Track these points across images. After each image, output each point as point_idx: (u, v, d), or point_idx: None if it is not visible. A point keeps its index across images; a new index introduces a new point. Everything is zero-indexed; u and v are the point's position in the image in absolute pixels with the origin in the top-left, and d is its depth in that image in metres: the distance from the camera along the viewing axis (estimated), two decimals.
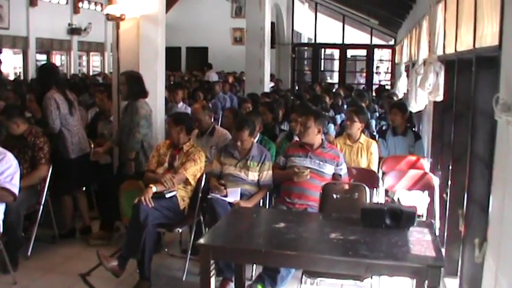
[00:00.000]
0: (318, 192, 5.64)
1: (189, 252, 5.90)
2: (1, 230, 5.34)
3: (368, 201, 5.40)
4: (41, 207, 6.28)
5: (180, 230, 5.91)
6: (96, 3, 28.96)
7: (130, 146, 6.73)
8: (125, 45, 7.37)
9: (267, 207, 6.16)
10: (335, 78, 24.61)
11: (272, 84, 18.16)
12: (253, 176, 6.01)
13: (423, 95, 7.24)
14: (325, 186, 5.52)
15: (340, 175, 5.94)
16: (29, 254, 6.11)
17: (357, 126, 6.89)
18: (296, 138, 6.84)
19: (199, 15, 30.27)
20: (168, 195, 5.72)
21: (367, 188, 5.39)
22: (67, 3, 26.43)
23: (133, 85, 6.86)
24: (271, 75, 18.26)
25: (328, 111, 10.18)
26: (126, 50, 7.39)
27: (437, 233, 4.95)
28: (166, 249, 6.54)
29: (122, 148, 7.02)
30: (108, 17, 7.19)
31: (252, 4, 15.06)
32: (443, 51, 6.13)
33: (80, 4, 27.05)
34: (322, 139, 6.02)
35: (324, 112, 8.17)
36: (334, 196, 5.42)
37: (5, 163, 5.31)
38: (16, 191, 5.34)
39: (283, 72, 21.66)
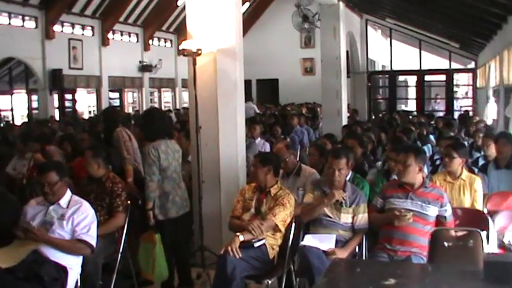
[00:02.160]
0: (421, 237, 5.12)
1: None
2: (79, 284, 5.02)
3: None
4: (119, 255, 5.87)
5: (270, 282, 5.35)
6: (165, 40, 29.23)
7: (146, 196, 6.17)
8: (201, 80, 6.97)
9: (364, 254, 5.54)
10: (410, 106, 23.80)
11: (348, 114, 17.56)
12: (345, 218, 5.46)
13: None
14: (435, 232, 4.94)
15: (445, 217, 5.30)
16: None
17: (458, 162, 6.21)
18: (394, 176, 6.25)
19: (268, 46, 30.15)
20: (256, 245, 5.22)
21: (483, 235, 4.73)
22: (137, 41, 26.73)
23: (146, 131, 6.58)
24: (348, 106, 17.67)
25: (415, 142, 9.51)
26: (203, 85, 6.99)
27: None
28: None
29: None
30: (184, 53, 6.80)
31: (326, 33, 14.61)
32: None
33: (150, 41, 27.30)
34: (423, 178, 5.41)
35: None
36: (445, 244, 4.82)
37: (81, 213, 4.97)
38: (94, 242, 4.97)
39: (359, 101, 21.04)
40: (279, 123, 12.86)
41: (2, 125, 19.30)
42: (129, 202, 6.03)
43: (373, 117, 21.36)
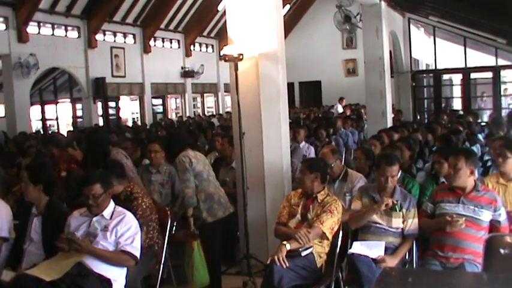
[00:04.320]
0: (475, 243, 4.93)
1: None
2: None
3: None
4: (161, 266, 5.72)
5: None
6: (207, 45, 29.31)
7: (185, 204, 6.21)
8: (244, 85, 6.87)
9: (415, 261, 5.35)
10: (455, 105, 23.30)
11: (392, 115, 17.26)
12: (397, 223, 5.29)
13: None
14: (490, 239, 4.73)
15: (499, 222, 5.08)
16: None
17: (511, 162, 5.95)
18: (442, 180, 6.05)
19: (310, 48, 30.05)
20: (304, 253, 5.09)
21: None
22: (179, 47, 26.87)
23: (170, 147, 6.51)
24: (392, 107, 17.37)
25: (464, 143, 9.24)
26: (246, 90, 6.89)
27: None
28: None
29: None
30: (225, 58, 6.71)
31: (369, 33, 14.37)
32: None
33: (192, 47, 27.40)
34: (475, 181, 5.19)
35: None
36: (502, 251, 4.60)
37: (125, 224, 4.90)
38: (137, 254, 4.90)
39: (403, 102, 20.67)
40: (323, 126, 12.68)
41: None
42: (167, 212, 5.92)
43: (418, 117, 20.98)
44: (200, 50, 29.01)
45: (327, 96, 30.71)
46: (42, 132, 19.35)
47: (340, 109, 19.41)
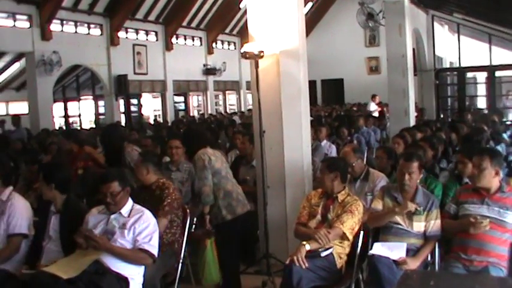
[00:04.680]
0: (500, 246, 4.80)
1: None
2: None
3: None
4: (180, 265, 5.73)
5: None
6: (229, 43, 29.31)
7: (202, 201, 6.17)
8: (265, 83, 6.80)
9: (437, 263, 5.24)
10: (480, 103, 23.05)
11: (415, 114, 17.08)
12: (418, 226, 5.16)
13: None
14: None
15: None
16: None
17: None
18: (465, 180, 5.94)
19: (333, 46, 29.94)
20: (323, 254, 5.02)
21: None
22: (201, 44, 26.90)
23: (189, 143, 6.48)
24: (415, 105, 17.20)
25: (488, 142, 9.09)
26: (267, 88, 6.82)
27: None
28: None
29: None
30: (246, 55, 6.64)
31: (391, 31, 14.20)
32: None
33: (214, 44, 27.40)
34: (500, 182, 5.07)
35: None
36: None
37: (143, 222, 4.86)
38: (155, 252, 4.86)
39: (426, 100, 20.49)
40: (345, 125, 12.58)
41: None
42: (187, 211, 5.93)
43: (442, 116, 20.78)
44: (222, 48, 29.01)
45: (349, 94, 30.59)
46: (64, 129, 19.45)
47: (373, 107, 19.15)
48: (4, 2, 17.49)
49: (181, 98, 27.48)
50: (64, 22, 19.86)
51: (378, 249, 5.06)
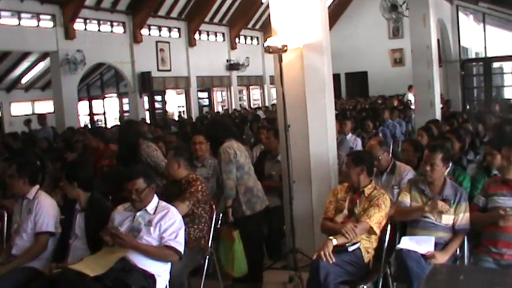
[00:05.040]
0: None
1: None
2: None
3: None
4: (207, 261, 5.72)
5: (365, 287, 5.07)
6: (252, 38, 29.27)
7: (225, 195, 6.21)
8: (288, 77, 6.74)
9: (466, 257, 5.16)
10: (507, 94, 22.72)
11: (441, 106, 16.89)
12: (447, 219, 5.07)
13: None
14: None
15: None
16: None
17: None
18: (494, 172, 5.84)
19: (356, 39, 29.81)
20: (350, 249, 4.96)
21: None
22: (224, 40, 26.92)
23: (214, 135, 6.54)
24: (441, 96, 17.00)
25: None
26: (291, 82, 6.76)
27: None
28: None
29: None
30: (269, 50, 6.58)
31: (416, 22, 14.01)
32: None
33: (237, 40, 27.39)
34: None
35: None
36: None
37: (169, 219, 4.85)
38: (181, 249, 4.85)
39: (452, 92, 20.24)
40: (370, 118, 12.48)
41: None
42: (213, 206, 5.91)
43: (468, 107, 20.53)
44: (245, 43, 29.00)
45: (373, 87, 30.44)
46: (90, 127, 19.58)
47: (411, 97, 18.94)
48: (28, 2, 17.66)
49: (205, 94, 27.53)
50: (87, 21, 19.99)
51: (406, 243, 4.99)
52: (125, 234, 4.67)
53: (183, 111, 25.61)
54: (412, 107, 16.55)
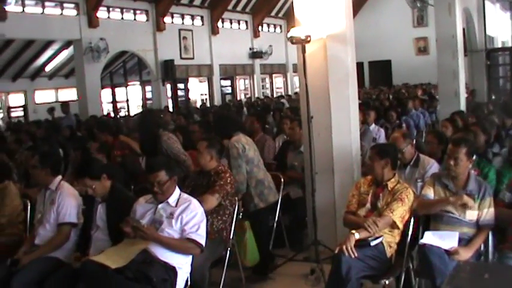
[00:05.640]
0: None
1: None
2: (189, 284, 4.92)
3: None
4: (228, 252, 5.71)
5: (387, 282, 5.01)
6: (275, 26, 29.17)
7: (236, 189, 6.07)
8: (312, 68, 6.68)
9: (490, 253, 5.06)
10: None
11: (466, 95, 16.69)
12: (471, 215, 4.97)
13: None
14: None
15: None
16: None
17: None
18: None
19: (380, 27, 29.60)
20: (373, 243, 4.90)
21: None
22: (247, 28, 26.86)
23: (222, 129, 6.59)
24: (465, 86, 16.78)
25: None
26: (314, 73, 6.70)
27: None
28: None
29: None
30: (293, 40, 6.52)
31: (441, 10, 13.81)
32: None
33: (260, 28, 27.30)
34: None
35: None
36: None
37: (190, 212, 4.83)
38: (203, 242, 4.83)
39: (477, 82, 20.00)
40: (394, 108, 12.35)
41: (118, 116, 19.86)
42: (236, 199, 5.88)
43: (493, 97, 20.26)
44: (268, 31, 28.90)
45: (397, 76, 30.23)
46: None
47: None
48: None
49: (228, 82, 27.52)
50: (110, 9, 20.05)
51: (429, 238, 4.92)
52: (146, 227, 4.66)
53: (206, 99, 25.64)
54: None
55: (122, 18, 20.58)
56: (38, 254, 5.23)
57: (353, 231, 4.89)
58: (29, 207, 6.14)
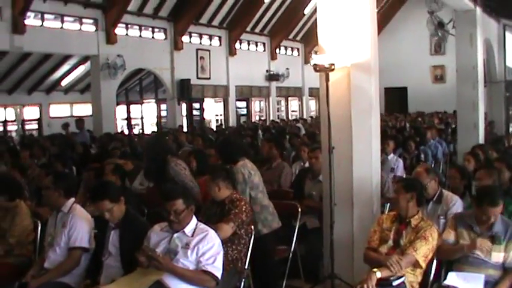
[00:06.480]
0: None
1: None
2: None
3: None
4: (243, 283, 5.54)
5: None
6: (292, 49, 29.17)
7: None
8: (334, 97, 6.51)
9: None
10: None
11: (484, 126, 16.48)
12: (497, 256, 4.81)
13: None
14: None
15: None
16: None
17: None
18: None
19: (397, 54, 29.50)
20: (395, 283, 4.73)
21: None
22: (264, 50, 26.87)
23: (226, 154, 6.52)
24: (484, 117, 16.58)
25: None
26: (336, 102, 6.53)
27: None
28: None
29: None
30: (316, 68, 6.38)
31: (462, 41, 13.66)
32: None
33: (277, 50, 27.31)
34: None
35: None
36: None
37: (207, 243, 4.67)
38: (219, 274, 4.67)
39: (495, 113, 19.79)
40: (413, 137, 12.17)
41: (132, 134, 19.76)
42: (252, 227, 5.71)
43: (511, 129, 20.04)
44: (285, 54, 28.88)
45: (413, 103, 30.08)
46: (126, 133, 19.59)
47: None
48: (71, 6, 17.81)
49: (244, 104, 27.46)
50: (129, 26, 20.08)
51: (453, 279, 4.75)
52: (161, 257, 4.50)
53: (221, 120, 25.58)
54: None
55: (140, 35, 20.60)
56: (47, 278, 5.11)
57: (374, 270, 4.72)
58: (39, 227, 6.00)
